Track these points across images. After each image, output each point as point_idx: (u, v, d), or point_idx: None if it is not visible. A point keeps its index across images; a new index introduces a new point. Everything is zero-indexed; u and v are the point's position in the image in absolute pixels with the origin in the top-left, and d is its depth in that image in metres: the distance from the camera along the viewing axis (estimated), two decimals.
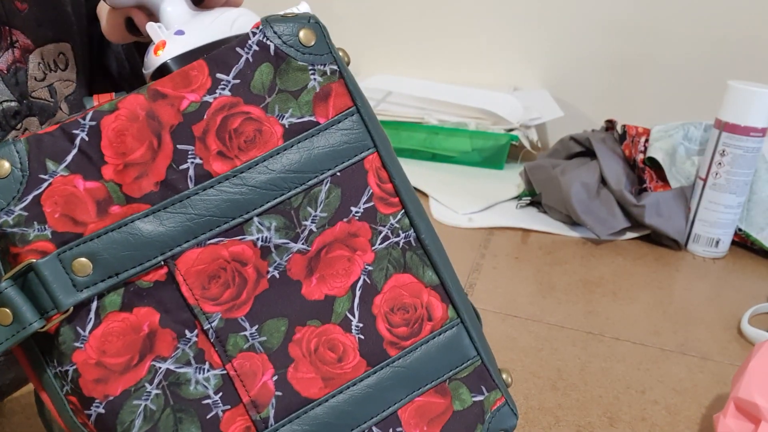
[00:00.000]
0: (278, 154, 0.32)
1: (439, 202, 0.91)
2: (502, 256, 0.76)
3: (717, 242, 0.79)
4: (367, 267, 0.34)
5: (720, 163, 0.76)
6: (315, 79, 0.33)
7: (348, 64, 0.35)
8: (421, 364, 0.34)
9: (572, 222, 0.85)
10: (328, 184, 0.33)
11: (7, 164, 0.28)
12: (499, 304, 0.66)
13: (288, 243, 0.32)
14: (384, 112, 1.05)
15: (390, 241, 0.34)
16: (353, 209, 0.34)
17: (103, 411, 0.30)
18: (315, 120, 0.33)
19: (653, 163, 0.85)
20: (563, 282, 0.71)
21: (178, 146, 0.31)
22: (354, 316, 0.33)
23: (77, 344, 0.29)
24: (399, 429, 0.34)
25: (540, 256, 0.77)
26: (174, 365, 0.31)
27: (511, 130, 1.01)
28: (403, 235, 0.35)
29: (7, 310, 0.28)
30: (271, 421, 0.32)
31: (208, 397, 0.31)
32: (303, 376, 0.32)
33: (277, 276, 0.32)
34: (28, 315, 0.28)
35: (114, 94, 0.37)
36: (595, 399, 0.52)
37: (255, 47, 0.32)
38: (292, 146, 0.32)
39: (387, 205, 0.34)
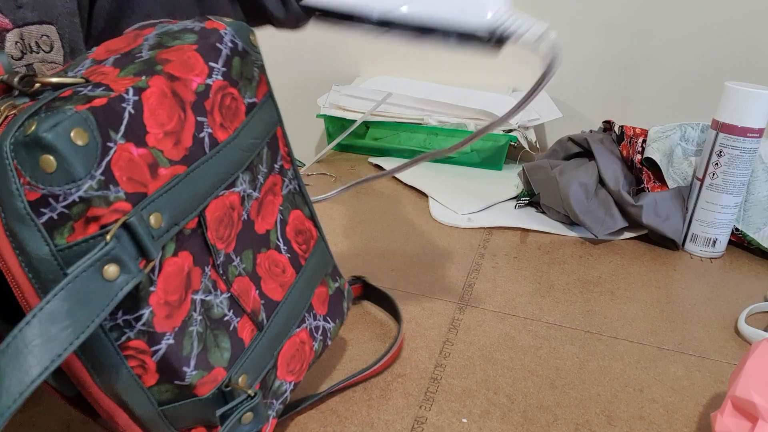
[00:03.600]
0: (248, 124, 0.41)
1: (438, 202, 0.91)
2: (501, 256, 0.77)
3: (714, 242, 0.79)
4: (280, 207, 0.45)
5: (717, 164, 0.77)
6: (256, 71, 0.42)
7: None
8: (314, 267, 0.48)
9: (570, 222, 0.86)
10: (265, 147, 0.44)
11: (86, 133, 0.30)
12: (498, 303, 0.66)
13: (252, 192, 0.42)
14: (384, 113, 1.05)
15: (289, 187, 0.47)
16: (275, 165, 0.45)
17: (172, 341, 0.35)
18: (256, 101, 0.42)
19: (651, 164, 0.86)
20: (562, 281, 0.71)
21: (197, 118, 0.37)
22: (281, 242, 0.45)
23: (152, 288, 0.34)
24: (313, 311, 0.48)
25: (539, 255, 0.77)
26: (203, 295, 0.38)
27: (510, 131, 1.01)
28: (294, 184, 0.47)
29: (116, 266, 0.31)
30: (265, 321, 0.42)
31: (225, 314, 0.39)
32: (269, 286, 0.43)
33: (246, 217, 0.42)
34: (131, 267, 0.32)
35: None
36: (593, 397, 0.52)
37: (229, 44, 0.40)
38: (251, 119, 0.42)
39: (287, 162, 0.47)
